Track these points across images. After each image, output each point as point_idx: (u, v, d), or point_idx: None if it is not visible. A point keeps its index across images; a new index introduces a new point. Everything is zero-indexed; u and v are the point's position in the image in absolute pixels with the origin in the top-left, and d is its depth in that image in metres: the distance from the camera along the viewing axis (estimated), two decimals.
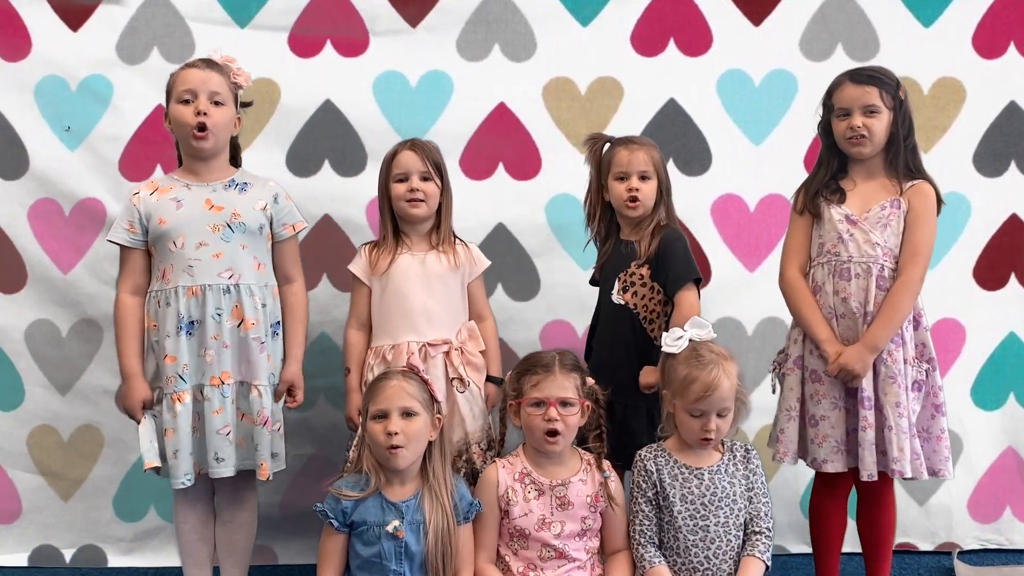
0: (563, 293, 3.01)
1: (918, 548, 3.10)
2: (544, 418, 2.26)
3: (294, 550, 3.02)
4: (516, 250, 3.03)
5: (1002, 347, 3.08)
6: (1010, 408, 3.09)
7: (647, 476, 2.29)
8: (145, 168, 2.96)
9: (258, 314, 2.42)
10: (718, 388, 2.19)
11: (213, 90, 2.39)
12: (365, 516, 2.20)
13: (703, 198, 3.04)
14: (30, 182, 2.96)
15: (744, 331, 3.05)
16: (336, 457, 2.54)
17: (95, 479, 3.01)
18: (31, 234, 2.96)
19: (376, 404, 2.21)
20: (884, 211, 2.41)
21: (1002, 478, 3.09)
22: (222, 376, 2.38)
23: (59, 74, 2.95)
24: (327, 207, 3.01)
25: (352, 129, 3.01)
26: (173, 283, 2.38)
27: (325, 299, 3.00)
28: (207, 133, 2.38)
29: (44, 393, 2.99)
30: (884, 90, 2.40)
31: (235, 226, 2.41)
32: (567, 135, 3.03)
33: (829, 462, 2.41)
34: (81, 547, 3.03)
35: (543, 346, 3.01)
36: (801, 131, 3.01)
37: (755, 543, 2.26)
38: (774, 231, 3.02)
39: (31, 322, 2.98)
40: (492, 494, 2.31)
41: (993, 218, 3.06)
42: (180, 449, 2.35)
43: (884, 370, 2.37)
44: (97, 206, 2.96)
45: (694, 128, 3.04)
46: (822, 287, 2.45)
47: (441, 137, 2.99)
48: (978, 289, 3.07)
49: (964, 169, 3.04)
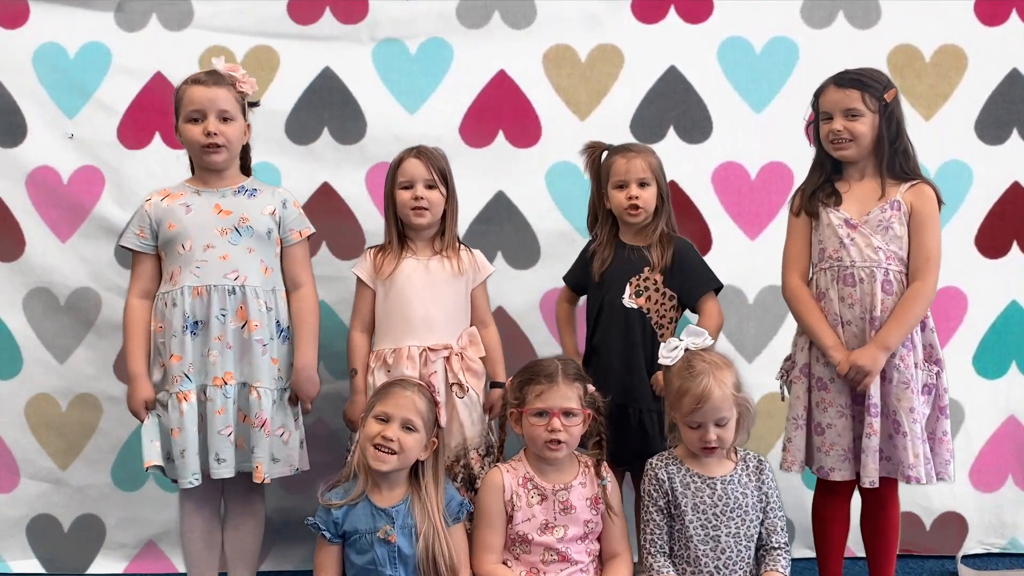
0: (563, 260, 2.98)
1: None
2: (547, 428, 2.25)
3: (297, 556, 2.99)
4: (516, 217, 3.02)
5: (1004, 316, 3.06)
6: (1012, 377, 3.07)
7: (658, 485, 2.26)
8: (144, 136, 2.96)
9: (262, 316, 2.42)
10: (709, 399, 2.16)
11: (221, 108, 2.40)
12: (356, 525, 2.21)
13: (704, 166, 3.03)
14: (29, 150, 2.94)
15: (745, 299, 3.04)
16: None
17: (93, 448, 2.99)
18: (29, 201, 2.95)
19: (383, 406, 2.23)
20: (884, 214, 2.39)
21: (1004, 447, 3.08)
22: (224, 377, 2.39)
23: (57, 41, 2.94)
24: (326, 175, 3.00)
25: (351, 97, 2.99)
26: (180, 284, 2.40)
27: (327, 268, 2.97)
28: (220, 149, 2.41)
29: (42, 362, 2.98)
30: (868, 93, 2.38)
31: (243, 230, 2.42)
32: (567, 103, 3.02)
33: (836, 470, 2.39)
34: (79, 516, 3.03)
35: (543, 313, 3.00)
36: (802, 99, 2.96)
37: (776, 559, 2.25)
38: (775, 199, 3.02)
39: (29, 291, 2.97)
40: (499, 498, 2.29)
41: (995, 186, 3.04)
42: (187, 448, 2.36)
43: (897, 375, 2.35)
44: (95, 175, 2.95)
45: (695, 95, 3.02)
46: (826, 293, 2.43)
47: (441, 104, 3.01)
48: (980, 257, 3.05)
49: (966, 137, 3.02)
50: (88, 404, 2.99)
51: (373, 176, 2.99)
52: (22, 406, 2.98)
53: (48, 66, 2.94)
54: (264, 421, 2.39)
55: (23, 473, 3.00)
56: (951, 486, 2.99)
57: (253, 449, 2.39)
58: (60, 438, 2.99)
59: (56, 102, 2.95)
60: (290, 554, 3.01)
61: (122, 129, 2.96)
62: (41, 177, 2.95)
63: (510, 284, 3.01)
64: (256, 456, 2.39)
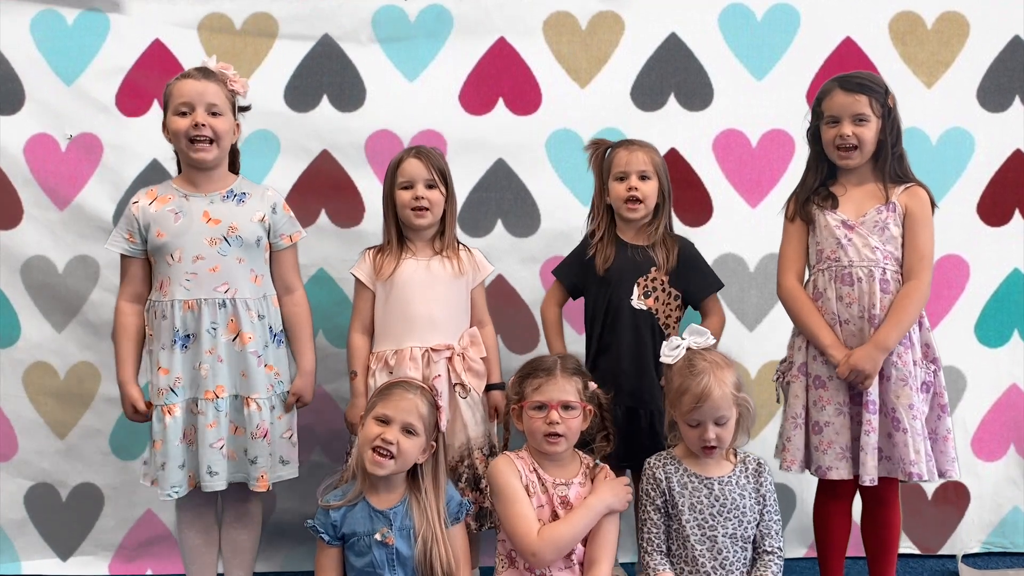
0: (563, 228, 2.98)
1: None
2: (546, 421, 2.23)
3: (297, 556, 2.98)
4: (516, 185, 3.01)
5: (1006, 283, 3.05)
6: (1014, 344, 3.06)
7: (656, 484, 2.25)
8: (142, 103, 2.95)
9: (255, 328, 2.40)
10: (709, 397, 2.15)
11: (210, 101, 2.37)
12: (354, 527, 2.19)
13: (704, 133, 3.02)
14: (26, 117, 2.93)
15: (746, 267, 3.02)
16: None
17: (91, 417, 2.98)
18: (27, 169, 2.94)
19: (385, 407, 2.19)
20: (880, 215, 2.39)
21: (1005, 415, 3.06)
22: (216, 390, 2.36)
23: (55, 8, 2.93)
24: (325, 143, 2.98)
25: (350, 64, 2.98)
26: (170, 296, 2.37)
27: (327, 247, 2.97)
28: (207, 145, 2.36)
29: (40, 330, 2.96)
30: (874, 98, 2.38)
31: (232, 240, 2.39)
32: (567, 70, 3.00)
33: (834, 469, 2.38)
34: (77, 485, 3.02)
35: (542, 282, 2.99)
36: (803, 66, 3.01)
37: (767, 564, 2.22)
38: (776, 166, 3.00)
39: (27, 259, 2.95)
40: (516, 476, 2.25)
41: (997, 153, 3.02)
42: (168, 461, 2.34)
43: (895, 373, 2.35)
44: (94, 141, 2.94)
45: (696, 63, 3.01)
46: (824, 293, 2.43)
47: (440, 71, 2.99)
48: (982, 225, 3.04)
49: (968, 104, 3.01)
50: (86, 373, 2.97)
51: (372, 144, 2.98)
52: (20, 375, 2.97)
53: (46, 33, 2.93)
54: (265, 432, 2.38)
55: (21, 442, 2.98)
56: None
57: (256, 459, 2.38)
58: (58, 407, 2.98)
59: (54, 69, 2.94)
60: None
61: (120, 96, 2.94)
62: (39, 144, 2.94)
63: (510, 252, 3.00)
64: (258, 466, 2.38)
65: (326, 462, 2.93)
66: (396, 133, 2.99)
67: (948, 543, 3.08)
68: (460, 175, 2.96)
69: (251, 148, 2.85)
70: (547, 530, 2.21)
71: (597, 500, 2.24)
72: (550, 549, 2.20)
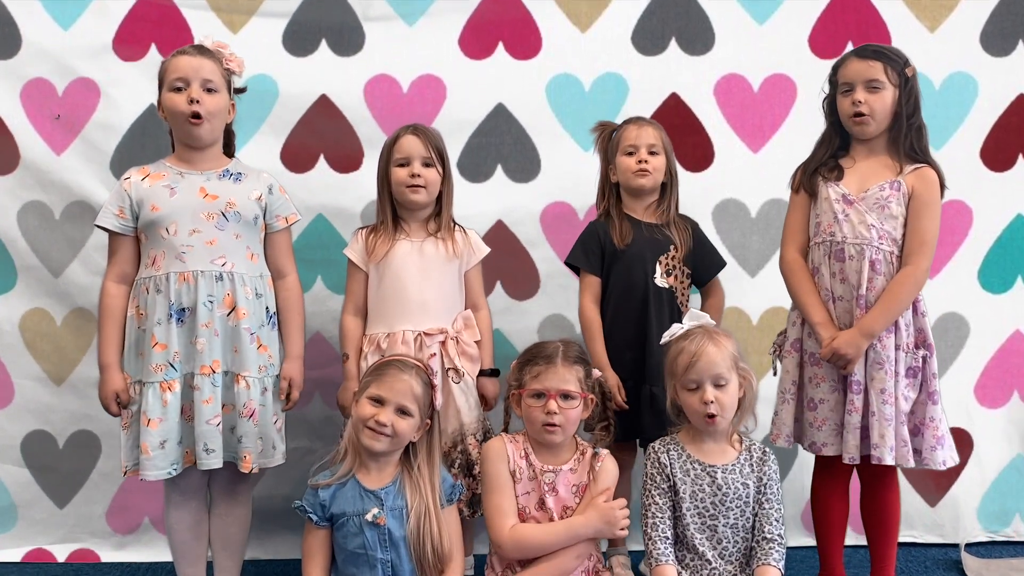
0: (563, 174, 2.97)
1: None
2: (544, 410, 2.20)
3: (287, 544, 2.94)
4: (516, 130, 2.99)
5: (1009, 229, 3.02)
6: (1018, 291, 3.04)
7: (661, 468, 2.22)
8: (139, 48, 2.90)
9: (250, 304, 2.36)
10: (703, 354, 2.14)
11: (205, 77, 2.32)
12: (343, 507, 2.14)
13: (706, 78, 2.99)
14: (23, 61, 2.90)
15: (748, 213, 3.00)
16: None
17: (88, 363, 2.93)
18: (24, 118, 2.92)
19: (379, 388, 2.15)
20: (883, 192, 2.35)
21: (1009, 362, 3.04)
22: (212, 365, 2.31)
23: None
24: (324, 87, 2.95)
25: (349, 8, 2.95)
26: (164, 269, 2.31)
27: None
28: (202, 120, 2.32)
29: (37, 276, 2.94)
30: (889, 66, 2.34)
31: (230, 215, 2.35)
32: (568, 14, 2.98)
33: (828, 445, 2.38)
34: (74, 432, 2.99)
35: (543, 228, 2.97)
36: (805, 11, 2.99)
37: (768, 551, 2.18)
38: (778, 111, 2.99)
39: (24, 204, 2.93)
40: (504, 464, 2.24)
41: (1001, 98, 3.00)
42: (168, 439, 2.29)
43: (872, 355, 2.33)
44: (91, 86, 2.91)
45: (696, 7, 2.98)
46: (819, 268, 2.41)
47: (440, 15, 2.96)
48: (985, 170, 3.01)
49: (971, 48, 2.99)
50: (83, 319, 2.94)
51: (371, 88, 2.96)
52: (16, 320, 2.94)
53: None
54: (253, 411, 2.34)
55: (17, 388, 2.96)
56: (956, 401, 2.95)
57: (241, 439, 2.33)
58: (55, 353, 2.95)
59: (51, 13, 2.91)
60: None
61: (117, 41, 2.92)
62: (36, 89, 2.92)
63: (510, 197, 2.98)
64: (244, 446, 2.33)
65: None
66: (395, 77, 2.96)
67: (949, 500, 3.06)
68: (460, 120, 2.96)
69: (249, 93, 2.78)
70: (519, 529, 2.21)
71: (584, 524, 2.21)
72: (515, 548, 2.20)
